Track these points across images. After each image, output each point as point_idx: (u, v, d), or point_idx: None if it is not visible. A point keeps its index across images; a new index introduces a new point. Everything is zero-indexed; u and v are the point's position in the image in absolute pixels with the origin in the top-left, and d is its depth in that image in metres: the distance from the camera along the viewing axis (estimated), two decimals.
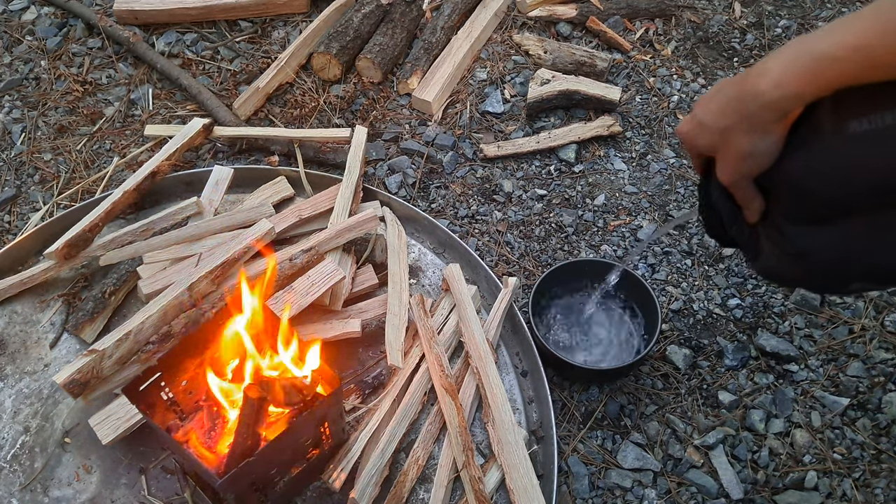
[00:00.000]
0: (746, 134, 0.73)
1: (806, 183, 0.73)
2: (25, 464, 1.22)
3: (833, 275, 0.78)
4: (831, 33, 0.66)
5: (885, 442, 1.31)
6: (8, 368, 1.33)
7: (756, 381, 1.39)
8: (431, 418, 1.27)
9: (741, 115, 0.73)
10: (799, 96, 0.69)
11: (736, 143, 0.74)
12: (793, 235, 0.77)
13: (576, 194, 1.66)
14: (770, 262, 0.83)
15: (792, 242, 0.78)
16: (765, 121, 0.72)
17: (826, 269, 0.77)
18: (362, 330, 1.32)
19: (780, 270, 0.83)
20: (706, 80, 1.90)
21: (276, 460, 1.06)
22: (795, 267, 0.79)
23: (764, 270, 0.86)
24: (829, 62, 0.66)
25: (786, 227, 0.78)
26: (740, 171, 0.77)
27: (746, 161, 0.75)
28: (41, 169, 1.68)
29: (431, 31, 1.91)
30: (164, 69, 1.83)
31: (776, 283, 0.86)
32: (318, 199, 1.50)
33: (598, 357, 1.39)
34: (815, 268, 0.78)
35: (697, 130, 0.79)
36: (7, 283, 1.38)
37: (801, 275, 0.81)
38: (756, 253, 0.84)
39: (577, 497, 1.25)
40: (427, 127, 1.76)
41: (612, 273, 1.36)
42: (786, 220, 0.78)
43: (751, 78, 0.71)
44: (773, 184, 0.77)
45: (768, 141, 0.73)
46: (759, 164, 0.75)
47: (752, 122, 0.72)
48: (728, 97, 0.75)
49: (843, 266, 0.76)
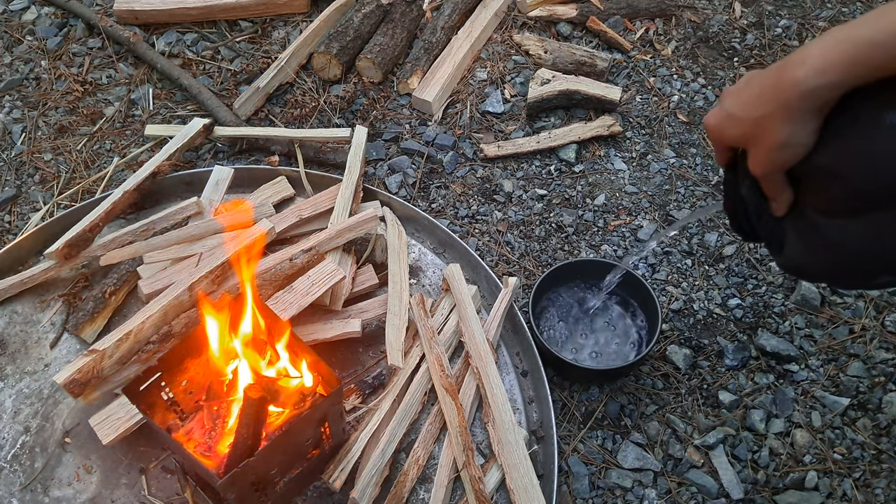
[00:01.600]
0: (784, 123, 0.72)
1: (841, 174, 0.72)
2: (26, 464, 1.22)
3: (862, 267, 0.77)
4: (873, 20, 0.65)
5: (886, 442, 1.31)
6: (8, 368, 1.33)
7: (756, 381, 1.39)
8: (431, 418, 1.27)
9: (779, 103, 0.72)
10: (840, 84, 0.68)
11: (772, 132, 0.73)
12: (823, 227, 0.76)
13: (576, 194, 1.66)
14: (796, 255, 0.82)
15: (822, 234, 0.76)
16: (804, 109, 0.71)
17: (855, 261, 0.76)
18: (362, 330, 1.32)
19: (806, 263, 0.82)
20: (706, 80, 1.90)
21: (276, 460, 1.06)
22: (823, 260, 0.78)
23: (789, 264, 0.85)
24: (871, 49, 0.65)
25: (816, 218, 0.77)
26: (775, 161, 0.75)
27: (782, 151, 0.74)
28: (41, 169, 1.68)
29: (431, 31, 1.91)
30: (164, 69, 1.83)
31: (801, 277, 0.85)
32: (318, 199, 1.50)
33: (598, 357, 1.39)
34: (843, 260, 0.77)
35: (727, 122, 0.78)
36: (7, 283, 1.38)
37: (829, 268, 0.80)
38: (781, 246, 0.83)
39: (577, 497, 1.25)
40: (427, 127, 1.76)
41: (613, 274, 1.36)
42: (816, 211, 0.77)
43: (789, 66, 0.70)
44: (806, 174, 0.76)
45: (806, 130, 0.72)
46: (795, 154, 0.74)
47: (791, 111, 0.71)
48: (763, 87, 0.74)
49: (873, 258, 0.75)
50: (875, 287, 0.93)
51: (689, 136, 1.78)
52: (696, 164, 1.72)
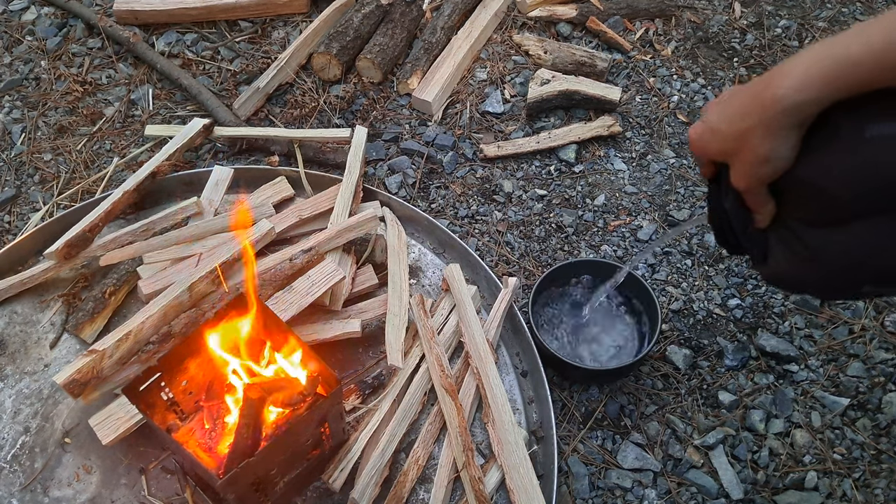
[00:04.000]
0: (765, 138, 0.73)
1: (824, 185, 0.73)
2: (25, 464, 1.22)
3: (846, 276, 0.77)
4: (853, 37, 0.66)
5: (885, 442, 1.31)
6: (8, 369, 1.33)
7: (756, 382, 1.39)
8: (431, 418, 1.27)
9: (760, 118, 0.72)
10: (820, 100, 0.69)
11: (753, 147, 0.74)
12: (807, 238, 0.77)
13: (576, 194, 1.66)
14: (780, 266, 0.82)
15: (806, 245, 0.77)
16: (785, 125, 0.71)
17: (839, 270, 0.77)
18: (362, 330, 1.32)
19: (789, 274, 0.82)
20: (706, 80, 1.90)
21: (276, 460, 1.06)
22: (807, 270, 0.79)
23: (773, 275, 0.85)
24: (851, 66, 0.66)
25: (800, 229, 0.77)
26: (757, 176, 0.76)
27: (764, 166, 0.75)
28: (41, 169, 1.68)
29: (431, 31, 1.91)
30: (164, 69, 1.83)
31: (784, 288, 0.85)
32: (318, 199, 1.50)
33: (598, 357, 1.39)
34: (826, 270, 0.77)
35: (709, 136, 0.79)
36: (7, 284, 1.38)
37: (812, 278, 0.80)
38: (765, 257, 0.84)
39: (577, 497, 1.25)
40: (427, 127, 1.76)
41: (617, 275, 1.35)
42: (800, 222, 0.77)
43: (771, 82, 0.71)
44: (788, 187, 0.76)
45: (787, 145, 0.73)
46: (777, 168, 0.75)
47: (772, 126, 0.72)
48: (744, 102, 0.74)
49: (855, 268, 0.75)
50: (858, 297, 0.93)
51: None
52: (696, 165, 1.72)
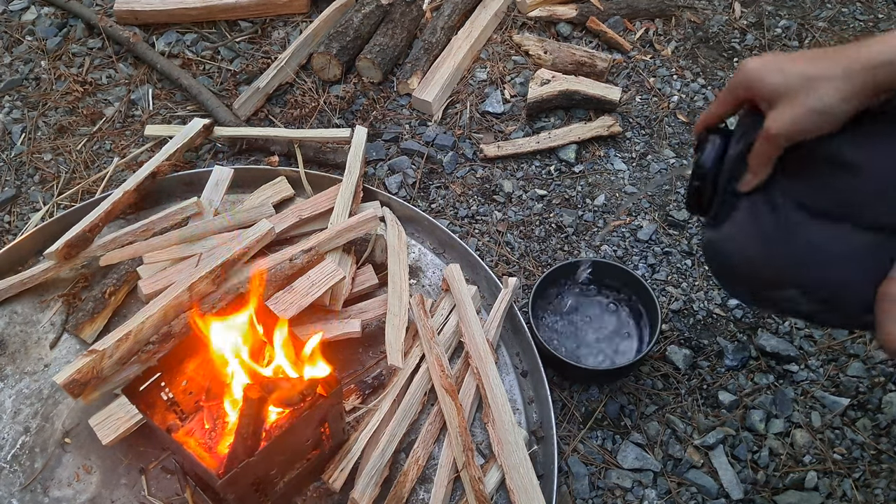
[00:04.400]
0: (837, 89, 0.72)
1: (860, 168, 0.72)
2: (25, 464, 1.22)
3: (787, 268, 0.77)
4: None
5: (885, 442, 1.31)
6: (8, 369, 1.33)
7: (756, 382, 1.39)
8: (431, 418, 1.27)
9: (843, 69, 0.72)
10: None
11: (819, 93, 0.73)
12: (783, 216, 0.76)
13: (576, 194, 1.66)
14: (730, 233, 0.82)
15: (776, 222, 0.77)
16: (866, 83, 0.71)
17: (788, 258, 0.76)
18: (362, 330, 1.32)
19: (734, 245, 0.82)
20: (706, 80, 1.90)
21: (276, 460, 1.06)
22: (755, 246, 0.79)
23: (716, 242, 0.85)
24: None
25: (786, 206, 0.77)
26: (801, 124, 0.75)
27: (815, 116, 0.74)
28: (41, 169, 1.68)
29: (431, 31, 1.91)
30: (164, 69, 1.83)
31: (713, 261, 0.83)
32: (318, 200, 1.50)
33: (597, 357, 1.39)
34: (780, 254, 0.77)
35: (773, 67, 0.77)
36: (7, 284, 1.38)
37: (751, 256, 0.80)
38: (721, 223, 0.83)
39: (577, 497, 1.25)
40: (427, 127, 1.76)
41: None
42: (793, 201, 0.77)
43: (866, 43, 0.71)
44: (812, 158, 0.75)
45: (847, 106, 0.72)
46: (822, 126, 0.74)
47: (852, 78, 0.71)
48: (829, 53, 0.74)
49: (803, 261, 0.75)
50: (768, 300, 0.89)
51: (689, 137, 1.78)
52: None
